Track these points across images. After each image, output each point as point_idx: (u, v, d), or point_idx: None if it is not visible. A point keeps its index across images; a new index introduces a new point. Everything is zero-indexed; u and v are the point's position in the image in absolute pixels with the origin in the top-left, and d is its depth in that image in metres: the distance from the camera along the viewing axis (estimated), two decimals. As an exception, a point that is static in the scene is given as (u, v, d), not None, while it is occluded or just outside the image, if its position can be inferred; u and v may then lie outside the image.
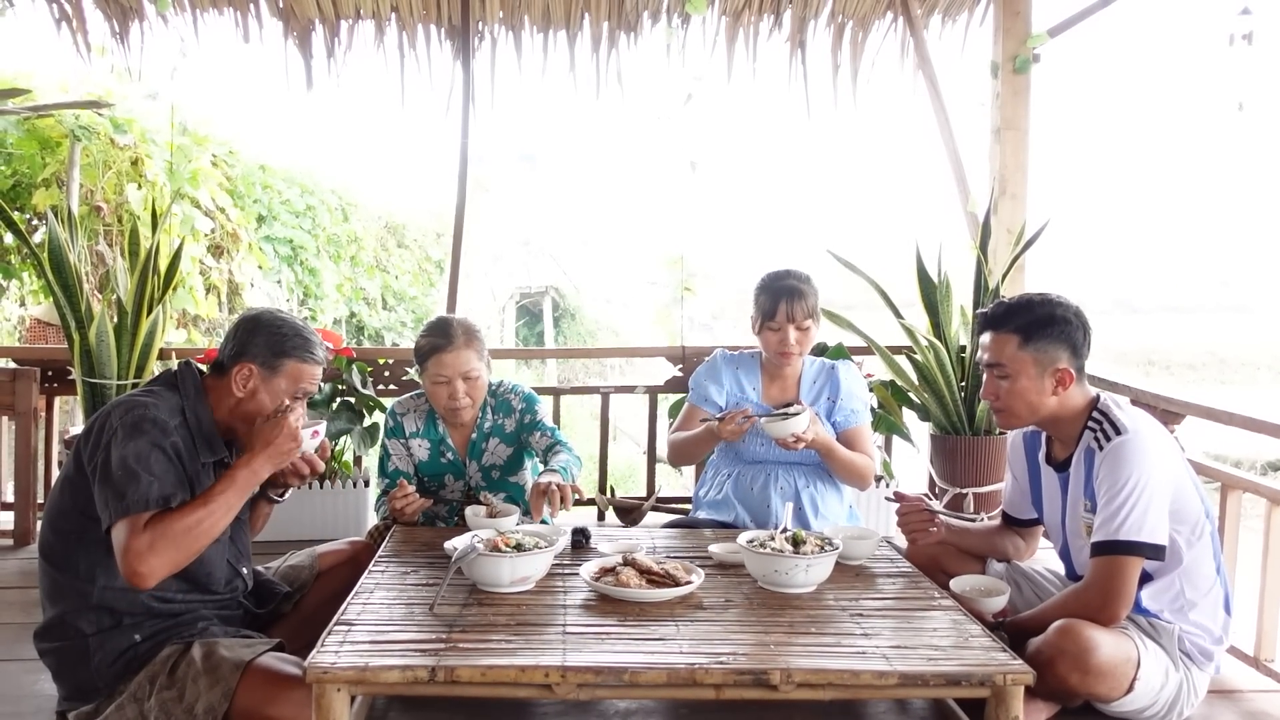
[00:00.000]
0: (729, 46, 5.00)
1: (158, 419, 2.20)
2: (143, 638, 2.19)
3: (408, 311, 11.18)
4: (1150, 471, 2.30)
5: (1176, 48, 22.03)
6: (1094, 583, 2.32)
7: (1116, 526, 2.28)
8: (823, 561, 2.35)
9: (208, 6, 4.82)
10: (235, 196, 8.17)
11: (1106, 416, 2.42)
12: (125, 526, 2.07)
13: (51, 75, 6.97)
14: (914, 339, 4.45)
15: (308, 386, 2.41)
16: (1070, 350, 2.45)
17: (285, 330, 2.39)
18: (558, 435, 3.09)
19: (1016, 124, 4.73)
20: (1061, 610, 2.34)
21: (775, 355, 3.10)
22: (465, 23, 4.78)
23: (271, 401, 2.35)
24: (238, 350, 2.36)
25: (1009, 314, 2.49)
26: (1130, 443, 2.33)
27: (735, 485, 3.17)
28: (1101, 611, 2.29)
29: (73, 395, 4.35)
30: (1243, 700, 2.74)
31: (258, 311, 2.45)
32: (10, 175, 6.84)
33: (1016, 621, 2.45)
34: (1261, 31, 3.81)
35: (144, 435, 2.16)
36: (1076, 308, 2.49)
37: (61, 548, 2.23)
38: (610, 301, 16.57)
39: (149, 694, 2.13)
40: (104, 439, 2.16)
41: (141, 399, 2.24)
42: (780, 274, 3.12)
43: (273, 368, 2.35)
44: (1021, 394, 2.46)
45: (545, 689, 1.90)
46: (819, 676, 1.90)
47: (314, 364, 2.41)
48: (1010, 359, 2.46)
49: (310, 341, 2.42)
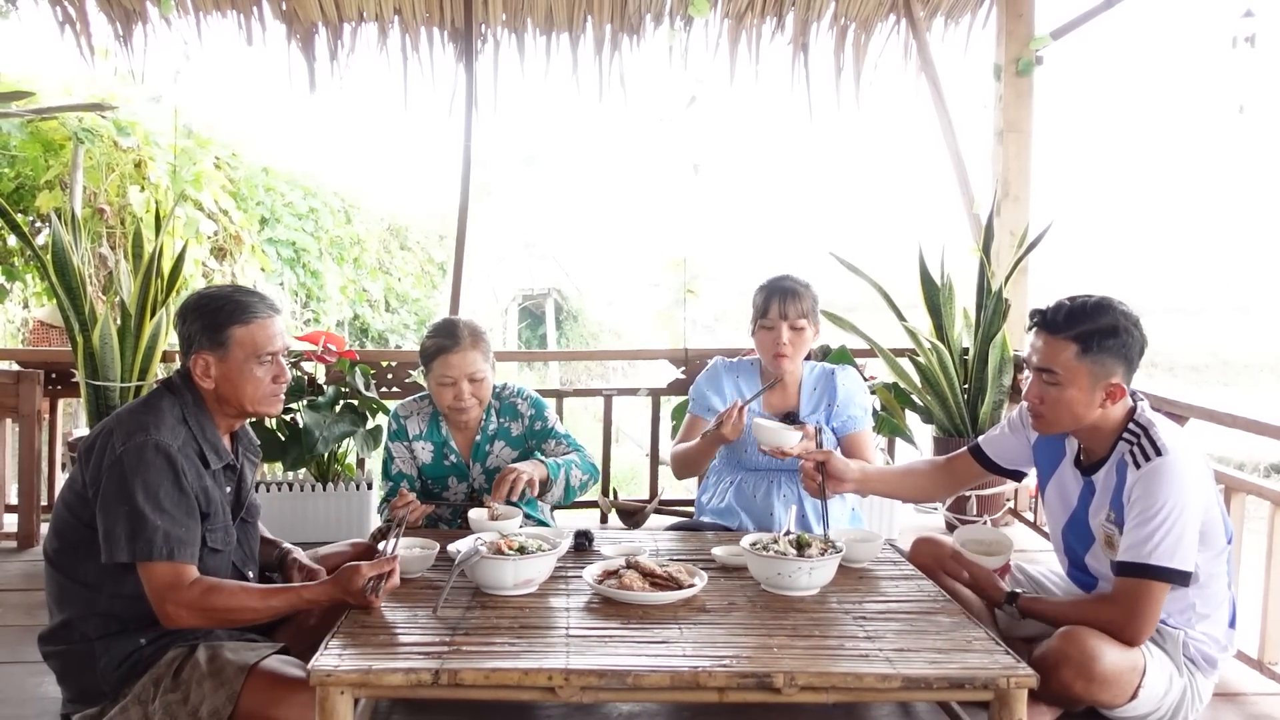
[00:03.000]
0: (731, 49, 5.01)
1: (160, 444, 2.15)
2: (147, 641, 2.19)
3: (410, 314, 11.18)
4: (1187, 497, 2.26)
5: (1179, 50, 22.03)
6: (1120, 602, 2.29)
7: (1149, 550, 2.24)
8: (826, 564, 2.35)
9: (211, 9, 4.83)
10: (238, 199, 8.18)
11: (1146, 433, 2.35)
12: (156, 571, 2.10)
13: (55, 78, 6.97)
14: (917, 341, 4.45)
15: (270, 348, 2.30)
16: (1126, 364, 2.36)
17: (215, 303, 2.29)
18: (574, 442, 3.11)
19: (1019, 126, 4.73)
20: (1082, 617, 2.31)
21: (770, 357, 3.08)
22: (468, 25, 4.79)
23: (242, 380, 2.27)
24: (185, 345, 2.31)
25: (1070, 319, 2.36)
26: (1169, 466, 2.28)
27: (738, 492, 3.16)
28: (1124, 631, 2.27)
29: (76, 398, 4.36)
30: (1246, 703, 2.73)
31: (189, 297, 2.36)
32: (14, 178, 6.85)
33: (1031, 606, 2.43)
34: (1264, 34, 3.80)
35: (149, 468, 2.12)
36: (1137, 318, 2.38)
37: (68, 555, 2.22)
38: (613, 304, 16.56)
39: (153, 696, 2.13)
40: (105, 463, 2.14)
41: (143, 419, 2.19)
42: (778, 276, 3.12)
43: (221, 344, 2.27)
44: (1069, 404, 2.37)
45: (548, 692, 1.90)
46: (822, 679, 1.90)
47: (259, 321, 2.29)
48: (1064, 367, 2.35)
49: (245, 303, 2.30)
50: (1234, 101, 4.10)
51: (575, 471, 2.98)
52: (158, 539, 2.09)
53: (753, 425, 2.87)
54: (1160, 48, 23.45)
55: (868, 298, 4.62)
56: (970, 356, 4.46)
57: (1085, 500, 2.51)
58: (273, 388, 2.34)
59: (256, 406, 2.33)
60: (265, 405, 2.34)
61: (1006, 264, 4.53)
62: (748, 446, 3.13)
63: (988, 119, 4.88)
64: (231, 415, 2.36)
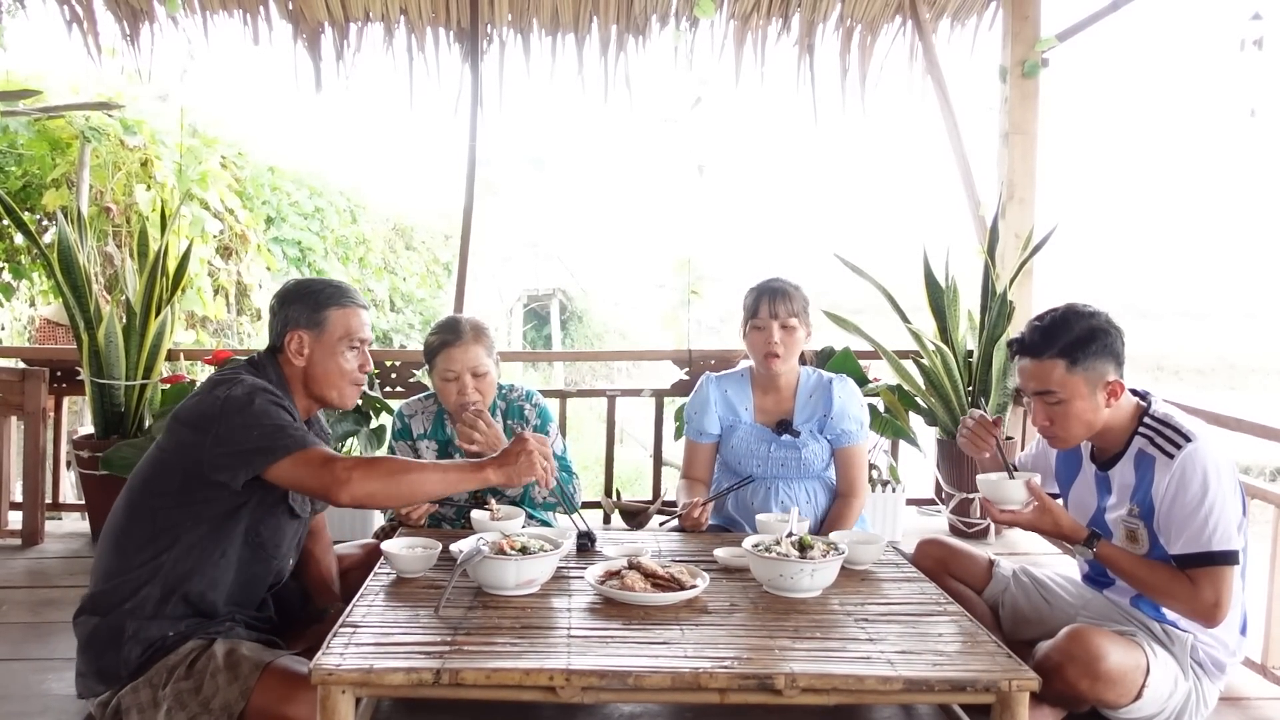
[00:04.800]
0: (737, 50, 5.01)
1: (266, 386, 2.30)
2: (174, 634, 2.23)
3: (415, 313, 11.19)
4: (1225, 477, 2.30)
5: (1187, 53, 22.00)
6: (1198, 584, 2.30)
7: (1208, 537, 2.27)
8: (828, 566, 2.34)
9: (217, 8, 4.85)
10: (244, 198, 8.20)
11: (1167, 424, 2.37)
12: (309, 457, 2.17)
13: (62, 77, 7.00)
14: (921, 343, 4.44)
15: (361, 334, 2.46)
16: (1115, 360, 2.38)
17: (316, 287, 2.47)
18: (566, 464, 3.09)
19: (1025, 128, 4.72)
20: (1157, 584, 2.34)
21: (761, 357, 3.05)
22: (474, 25, 4.79)
23: (331, 360, 2.41)
24: (283, 323, 2.44)
25: (1047, 338, 2.38)
26: (1201, 451, 2.30)
27: (736, 500, 3.16)
28: (1199, 615, 2.31)
29: (81, 396, 4.37)
30: (1250, 708, 2.73)
31: (286, 283, 2.53)
32: (20, 176, 6.88)
33: (1110, 553, 2.41)
34: (1272, 37, 3.79)
35: (263, 399, 2.24)
36: (1105, 314, 2.42)
37: (132, 533, 2.28)
38: (618, 304, 16.58)
39: (165, 682, 2.16)
40: (213, 412, 2.22)
41: (239, 375, 2.31)
42: (768, 278, 3.12)
43: (318, 324, 2.42)
44: (1078, 416, 2.38)
45: (549, 692, 1.90)
46: (824, 681, 1.90)
47: (355, 308, 2.47)
48: (1060, 384, 2.36)
49: (344, 289, 2.49)
50: (1242, 105, 4.09)
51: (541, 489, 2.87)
52: (299, 434, 2.21)
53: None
54: (1167, 50, 23.41)
55: (872, 300, 4.61)
56: (974, 359, 4.46)
57: (1103, 498, 2.52)
58: (356, 375, 2.47)
59: (340, 391, 2.46)
60: (345, 392, 2.47)
61: (1011, 266, 4.52)
62: (742, 458, 3.13)
63: (993, 121, 4.87)
64: (311, 398, 2.47)
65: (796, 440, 3.07)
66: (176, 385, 4.14)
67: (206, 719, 2.09)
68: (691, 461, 3.23)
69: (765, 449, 3.10)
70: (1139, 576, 2.37)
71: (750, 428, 3.12)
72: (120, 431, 4.12)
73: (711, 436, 3.18)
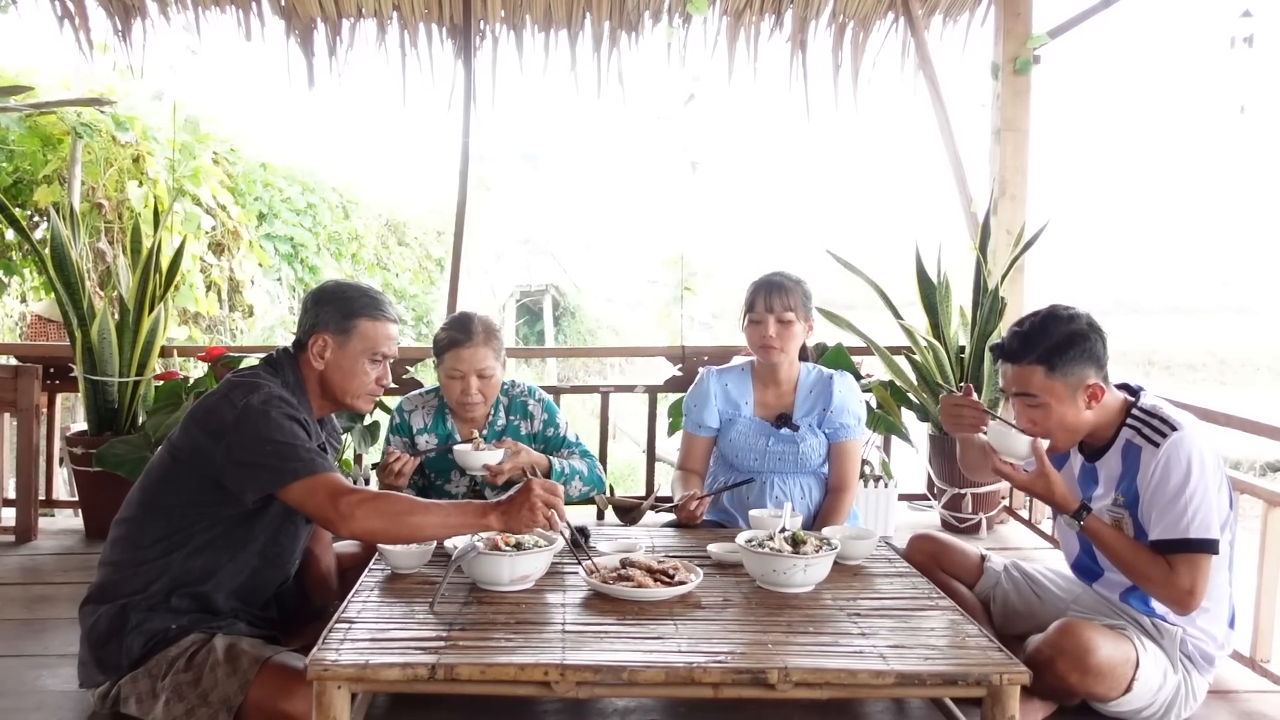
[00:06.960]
0: (730, 46, 5.01)
1: (283, 396, 2.29)
2: (177, 627, 2.24)
3: (408, 310, 11.18)
4: (1208, 467, 2.32)
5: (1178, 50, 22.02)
6: (1182, 576, 2.31)
7: (1186, 524, 2.29)
8: (821, 561, 2.36)
9: (210, 4, 4.83)
10: (236, 194, 8.19)
11: (1154, 415, 2.39)
12: (318, 484, 2.16)
13: (54, 72, 6.97)
14: (913, 339, 4.46)
15: (384, 349, 2.45)
16: (1095, 364, 2.40)
17: (351, 294, 2.47)
18: (585, 450, 3.14)
19: (1017, 125, 4.73)
20: (1137, 565, 2.35)
21: (759, 351, 3.08)
22: (467, 21, 4.79)
23: (350, 369, 2.41)
24: (311, 323, 2.43)
25: (1026, 344, 2.41)
26: (1186, 440, 2.32)
27: (731, 494, 3.18)
28: (1173, 601, 2.33)
29: (74, 392, 4.36)
30: (1239, 700, 2.75)
31: (325, 283, 2.52)
32: (12, 172, 6.85)
33: (1096, 527, 2.42)
34: (1262, 34, 3.81)
35: (280, 411, 2.23)
36: (1088, 316, 2.43)
37: (143, 522, 2.28)
38: (611, 300, 16.56)
39: (164, 673, 2.17)
40: (230, 419, 2.21)
41: (257, 381, 2.30)
42: (770, 272, 3.14)
43: (345, 331, 2.41)
44: (1059, 420, 2.41)
45: (544, 687, 1.91)
46: (816, 676, 1.91)
47: (385, 322, 2.46)
48: (1040, 389, 2.39)
49: (379, 301, 2.48)
50: (1232, 101, 4.11)
51: (576, 482, 3.02)
52: (310, 458, 2.19)
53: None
54: (1158, 47, 23.45)
55: (864, 296, 4.62)
56: (966, 355, 4.47)
57: (1089, 489, 2.54)
58: (373, 387, 2.49)
59: (354, 399, 2.47)
60: (361, 400, 2.48)
61: (1003, 262, 4.53)
62: (739, 452, 3.15)
63: (985, 117, 4.87)
64: (326, 401, 2.47)
65: (795, 435, 3.09)
66: (170, 382, 4.14)
67: (205, 711, 2.10)
68: (688, 453, 3.25)
69: (763, 443, 3.12)
70: (1121, 554, 2.38)
71: (749, 422, 3.14)
72: (114, 428, 4.11)
73: (710, 430, 3.20)
